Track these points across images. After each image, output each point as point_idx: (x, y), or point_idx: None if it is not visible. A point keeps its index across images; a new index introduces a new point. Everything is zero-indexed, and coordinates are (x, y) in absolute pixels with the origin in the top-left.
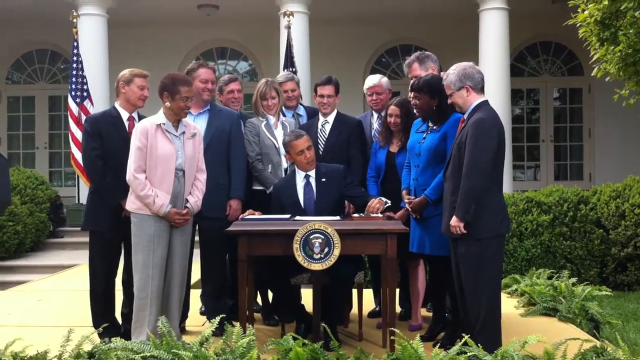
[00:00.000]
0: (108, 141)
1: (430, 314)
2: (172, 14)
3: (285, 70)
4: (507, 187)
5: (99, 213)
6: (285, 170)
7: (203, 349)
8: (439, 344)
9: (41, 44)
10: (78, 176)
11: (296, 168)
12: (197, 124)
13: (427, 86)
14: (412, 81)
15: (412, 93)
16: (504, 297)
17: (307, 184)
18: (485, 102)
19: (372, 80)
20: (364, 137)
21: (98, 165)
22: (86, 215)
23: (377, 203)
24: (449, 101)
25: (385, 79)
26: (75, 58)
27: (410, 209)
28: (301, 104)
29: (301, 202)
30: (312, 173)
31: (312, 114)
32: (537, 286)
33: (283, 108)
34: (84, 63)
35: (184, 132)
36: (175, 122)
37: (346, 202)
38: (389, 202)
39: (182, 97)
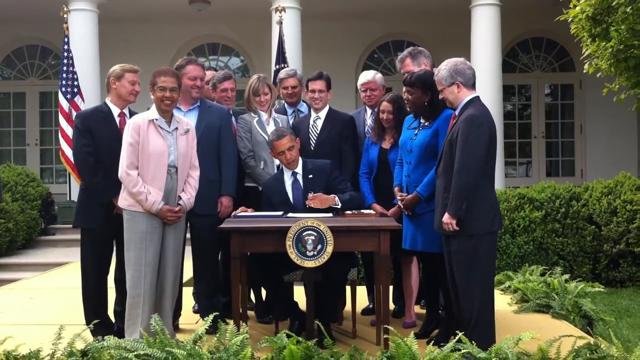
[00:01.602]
0: (99, 138)
1: (424, 311)
2: (163, 9)
3: (277, 65)
4: (499, 184)
5: (90, 210)
6: (278, 167)
7: (197, 347)
8: (433, 341)
9: (31, 40)
10: (69, 173)
11: (283, 166)
12: None
13: (420, 81)
14: (405, 76)
15: (405, 88)
16: (497, 293)
17: (295, 181)
18: (477, 98)
19: (366, 76)
20: (356, 133)
21: (89, 162)
22: (77, 212)
23: (312, 197)
24: (440, 97)
25: (379, 75)
26: (65, 54)
27: (402, 206)
28: (303, 101)
29: (290, 199)
30: (299, 170)
31: None
32: (530, 283)
33: (285, 104)
34: (75, 59)
35: (176, 128)
36: (168, 118)
37: None
38: (338, 205)
39: (158, 87)
